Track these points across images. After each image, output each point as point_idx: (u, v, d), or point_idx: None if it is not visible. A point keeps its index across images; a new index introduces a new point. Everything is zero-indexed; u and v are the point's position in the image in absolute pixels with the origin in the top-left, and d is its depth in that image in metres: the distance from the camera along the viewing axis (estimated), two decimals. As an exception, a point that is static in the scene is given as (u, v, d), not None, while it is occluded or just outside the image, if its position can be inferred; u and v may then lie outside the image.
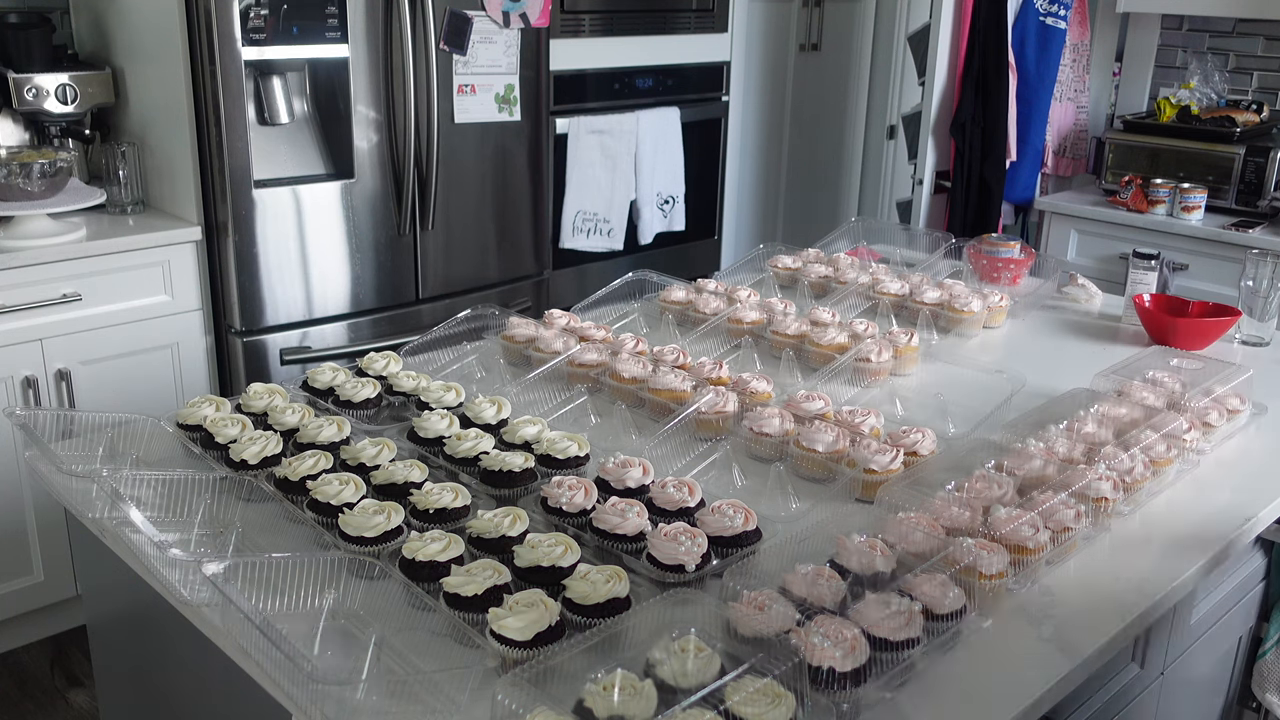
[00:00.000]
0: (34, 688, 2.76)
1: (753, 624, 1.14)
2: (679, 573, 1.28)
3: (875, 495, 1.48)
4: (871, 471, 1.52)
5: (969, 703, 1.16)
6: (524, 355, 1.99)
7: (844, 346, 1.98)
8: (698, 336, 2.13)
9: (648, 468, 1.49)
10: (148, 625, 1.49)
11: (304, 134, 2.99)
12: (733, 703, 1.02)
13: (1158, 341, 2.19)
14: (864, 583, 1.23)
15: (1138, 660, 1.62)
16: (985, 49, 3.97)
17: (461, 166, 3.21)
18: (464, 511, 1.40)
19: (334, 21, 2.85)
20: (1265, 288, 2.24)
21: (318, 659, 1.17)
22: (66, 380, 2.72)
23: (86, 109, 2.97)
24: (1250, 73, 3.97)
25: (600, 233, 3.90)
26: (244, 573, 1.27)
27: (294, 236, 2.93)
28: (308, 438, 1.57)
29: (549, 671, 1.06)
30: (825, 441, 1.59)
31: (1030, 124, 4.11)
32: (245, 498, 1.49)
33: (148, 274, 2.81)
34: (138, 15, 2.89)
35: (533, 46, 3.27)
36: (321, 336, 3.04)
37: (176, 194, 2.92)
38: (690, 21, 4.02)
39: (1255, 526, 1.59)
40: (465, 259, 3.31)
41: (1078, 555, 1.44)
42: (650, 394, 1.79)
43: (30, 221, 2.71)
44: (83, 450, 1.59)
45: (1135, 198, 3.69)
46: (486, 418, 1.65)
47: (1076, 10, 4.09)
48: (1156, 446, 1.61)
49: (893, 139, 4.49)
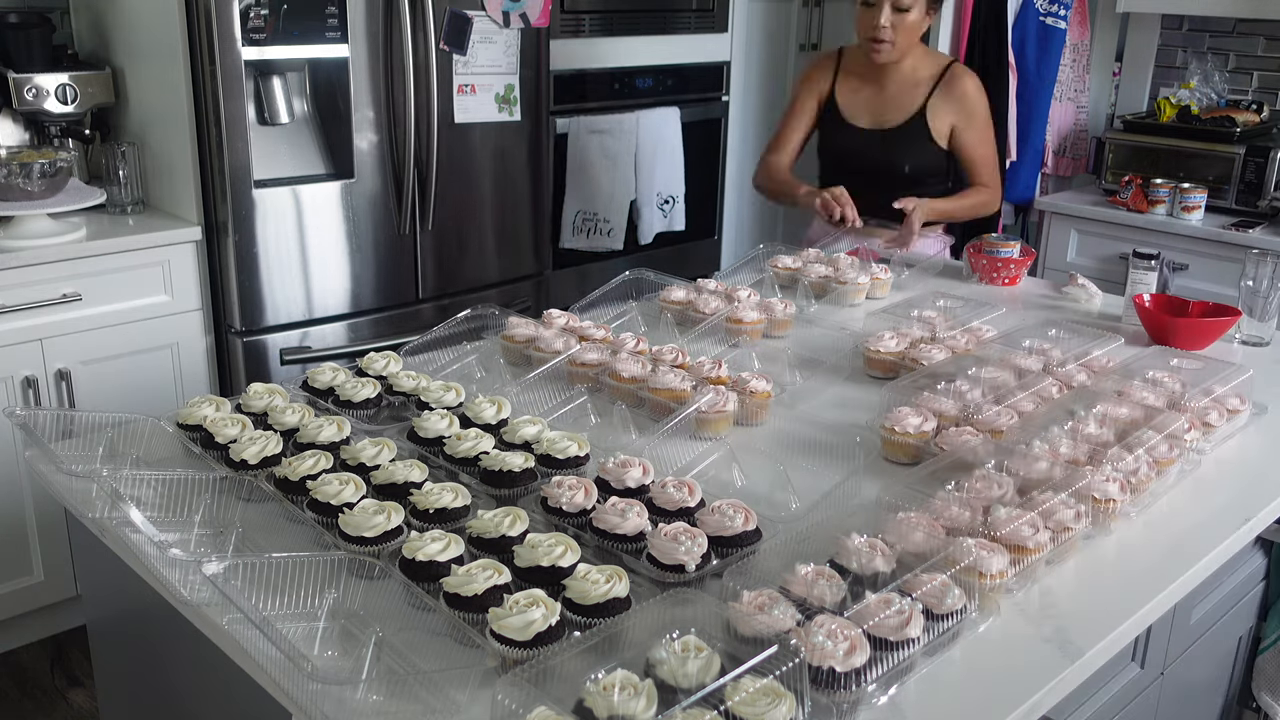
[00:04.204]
0: (34, 688, 2.76)
1: (753, 624, 1.14)
2: (679, 573, 1.28)
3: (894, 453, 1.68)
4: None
5: (969, 703, 1.16)
6: (524, 355, 1.99)
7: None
8: (697, 336, 2.13)
9: (648, 468, 1.49)
10: (148, 625, 1.49)
11: (304, 134, 2.99)
12: (733, 703, 1.02)
13: (1158, 341, 2.19)
14: (864, 583, 1.23)
15: (1138, 660, 1.62)
16: (985, 49, 3.97)
17: (461, 166, 3.21)
18: (464, 511, 1.40)
19: (334, 21, 2.85)
20: (1265, 288, 2.24)
21: (318, 659, 1.17)
22: (66, 380, 2.72)
23: (86, 109, 2.97)
24: (1250, 73, 3.97)
25: (600, 233, 3.90)
26: (244, 573, 1.27)
27: (294, 236, 2.93)
28: (308, 438, 1.57)
29: (549, 671, 1.06)
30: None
31: (1030, 124, 4.11)
32: (245, 498, 1.49)
33: (148, 274, 2.81)
34: (138, 15, 2.89)
35: (533, 46, 3.27)
36: (321, 336, 3.04)
37: (176, 194, 2.92)
38: (690, 21, 4.02)
39: (1255, 526, 1.59)
40: (465, 259, 3.31)
41: (1078, 555, 1.44)
42: (650, 394, 1.79)
43: (30, 221, 2.71)
44: (83, 450, 1.59)
45: (1135, 198, 3.69)
46: (486, 418, 1.65)
47: (1076, 10, 4.09)
48: (1159, 447, 1.61)
49: (893, 139, 4.48)
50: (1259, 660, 2.06)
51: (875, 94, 2.85)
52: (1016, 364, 1.91)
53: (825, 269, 2.49)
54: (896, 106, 2.84)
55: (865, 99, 2.86)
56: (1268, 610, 2.03)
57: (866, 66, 2.83)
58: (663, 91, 3.99)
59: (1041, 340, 2.04)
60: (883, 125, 2.85)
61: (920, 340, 2.05)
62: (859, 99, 2.87)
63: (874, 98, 2.85)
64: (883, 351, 2.01)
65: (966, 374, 1.85)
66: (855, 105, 2.87)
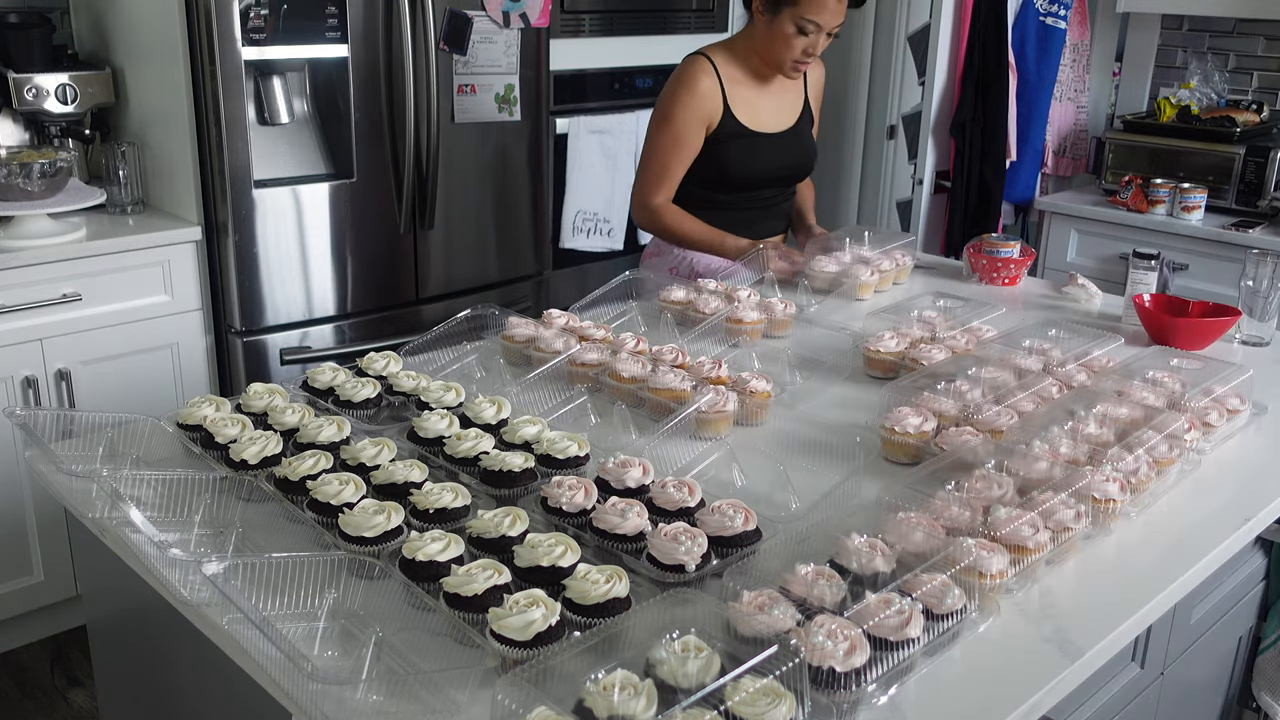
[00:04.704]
0: (34, 688, 2.76)
1: (753, 624, 1.14)
2: (679, 573, 1.28)
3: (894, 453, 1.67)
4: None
5: (969, 703, 1.16)
6: (524, 355, 1.99)
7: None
8: (697, 336, 2.13)
9: (648, 468, 1.49)
10: (148, 625, 1.49)
11: (304, 134, 2.99)
12: (733, 703, 1.02)
13: (1158, 341, 2.19)
14: (864, 583, 1.23)
15: (1138, 660, 1.62)
16: (985, 49, 3.97)
17: (461, 166, 3.21)
18: (464, 511, 1.40)
19: (334, 21, 2.85)
20: (1265, 288, 2.24)
21: (318, 659, 1.17)
22: (66, 380, 2.72)
23: (86, 109, 2.97)
24: (1250, 73, 3.97)
25: (600, 233, 3.90)
26: (244, 573, 1.27)
27: (294, 236, 2.93)
28: (308, 438, 1.57)
29: (549, 671, 1.06)
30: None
31: (1030, 124, 4.11)
32: (245, 498, 1.49)
33: (148, 274, 2.81)
34: (138, 15, 2.89)
35: (533, 46, 3.27)
36: (321, 336, 3.04)
37: (176, 194, 2.92)
38: (690, 21, 4.02)
39: (1255, 526, 1.59)
40: (465, 259, 3.31)
41: (1078, 555, 1.44)
42: (650, 394, 1.79)
43: (30, 221, 2.71)
44: (83, 450, 1.59)
45: (1135, 198, 3.69)
46: (486, 418, 1.65)
47: (1076, 10, 4.09)
48: (1159, 447, 1.61)
49: (893, 139, 4.49)
50: (1259, 660, 2.06)
51: (766, 97, 2.63)
52: (1016, 364, 1.91)
53: (836, 266, 2.50)
54: (788, 105, 2.68)
55: (759, 105, 2.62)
56: (1268, 610, 2.03)
57: (747, 71, 2.59)
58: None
59: (1041, 340, 2.04)
60: (782, 127, 2.66)
61: (920, 340, 2.05)
62: (755, 107, 2.61)
63: (766, 101, 2.64)
64: (883, 351, 2.01)
65: (966, 374, 1.85)
66: (754, 114, 2.61)
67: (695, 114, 2.54)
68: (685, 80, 2.55)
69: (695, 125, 2.55)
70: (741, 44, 2.61)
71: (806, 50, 2.50)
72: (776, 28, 2.48)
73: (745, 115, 2.58)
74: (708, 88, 2.53)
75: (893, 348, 2.01)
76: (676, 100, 2.55)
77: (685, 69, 2.57)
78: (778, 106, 2.65)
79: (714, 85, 2.54)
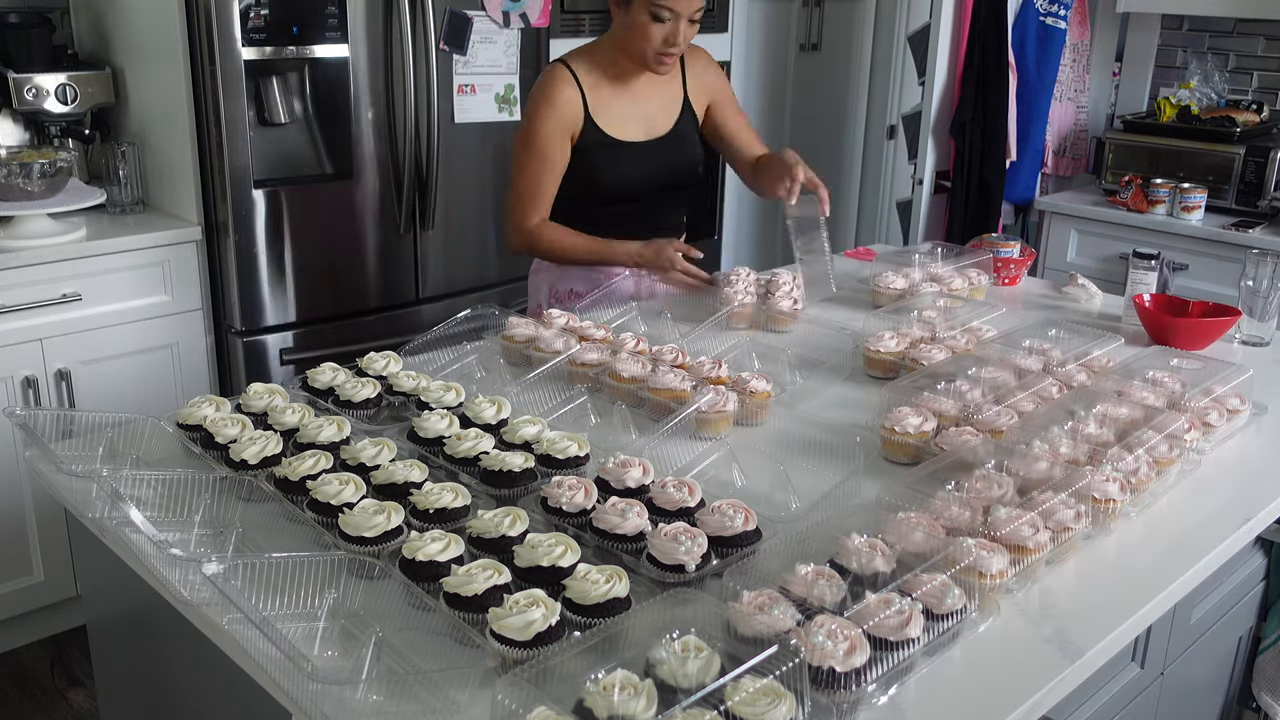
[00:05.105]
0: (34, 688, 2.76)
1: (753, 624, 1.14)
2: (679, 573, 1.28)
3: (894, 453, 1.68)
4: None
5: (969, 703, 1.16)
6: (524, 355, 1.99)
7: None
8: (697, 335, 2.13)
9: (648, 468, 1.49)
10: (148, 625, 1.49)
11: (304, 134, 3.00)
12: (733, 703, 1.02)
13: (1158, 341, 2.19)
14: (864, 583, 1.23)
15: (1138, 660, 1.62)
16: (985, 49, 3.97)
17: (461, 166, 3.21)
18: (464, 511, 1.40)
19: (334, 21, 2.85)
20: (1265, 288, 2.24)
21: (318, 659, 1.17)
22: (66, 380, 2.72)
23: (86, 109, 2.97)
24: (1250, 73, 3.97)
25: (600, 233, 3.88)
26: (244, 573, 1.27)
27: (294, 236, 2.93)
28: (308, 438, 1.57)
29: (549, 671, 1.06)
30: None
31: (1030, 124, 4.11)
32: (245, 498, 1.49)
33: (148, 274, 2.81)
34: (138, 15, 2.89)
35: (533, 46, 3.27)
36: (321, 336, 3.04)
37: (176, 194, 2.92)
38: (690, 21, 4.01)
39: (1255, 526, 1.59)
40: (465, 259, 3.31)
41: (1078, 555, 1.44)
42: (650, 394, 1.79)
43: (30, 221, 2.71)
44: (83, 450, 1.59)
45: (1135, 198, 3.69)
46: (486, 418, 1.65)
47: (1076, 10, 4.09)
48: (1159, 447, 1.61)
49: (893, 139, 4.49)
50: (1259, 660, 2.06)
51: (632, 102, 2.42)
52: (1016, 364, 1.91)
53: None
54: (662, 109, 2.47)
55: (625, 110, 2.41)
56: (1268, 610, 2.03)
57: (612, 76, 2.39)
58: (663, 91, 3.98)
59: (1041, 340, 2.04)
60: (656, 133, 2.45)
61: (920, 340, 2.05)
62: (620, 114, 2.41)
63: (633, 106, 2.42)
64: (883, 351, 2.01)
65: (966, 374, 1.85)
66: (619, 121, 2.40)
67: (556, 126, 2.35)
68: (543, 92, 2.36)
69: (558, 138, 2.35)
70: (605, 47, 2.41)
71: (667, 39, 2.28)
72: (632, 19, 2.28)
73: (609, 123, 2.39)
74: (568, 97, 2.34)
75: (893, 348, 2.01)
76: (536, 114, 2.36)
77: (543, 80, 2.39)
78: (647, 112, 2.44)
79: (574, 94, 2.35)
